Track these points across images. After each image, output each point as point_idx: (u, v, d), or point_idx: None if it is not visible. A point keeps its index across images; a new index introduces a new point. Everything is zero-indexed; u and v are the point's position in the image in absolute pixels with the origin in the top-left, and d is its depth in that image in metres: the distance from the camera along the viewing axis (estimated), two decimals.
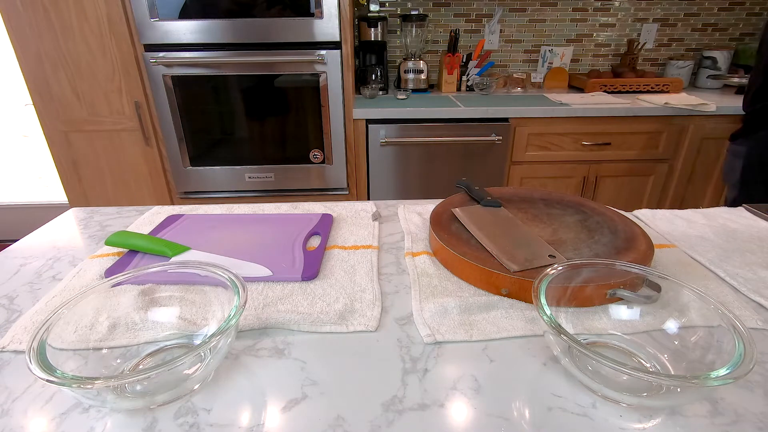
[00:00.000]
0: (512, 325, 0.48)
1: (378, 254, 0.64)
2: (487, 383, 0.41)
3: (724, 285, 0.56)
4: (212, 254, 0.63)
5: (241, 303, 0.41)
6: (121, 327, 0.45)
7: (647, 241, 0.59)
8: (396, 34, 2.16)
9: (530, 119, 1.72)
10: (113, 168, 1.78)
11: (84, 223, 0.78)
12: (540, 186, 1.85)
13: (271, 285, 0.56)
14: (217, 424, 0.37)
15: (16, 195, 2.53)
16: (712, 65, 2.10)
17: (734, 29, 2.20)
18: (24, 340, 0.47)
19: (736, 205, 0.80)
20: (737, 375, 0.32)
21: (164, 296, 0.49)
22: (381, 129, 1.69)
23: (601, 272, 0.48)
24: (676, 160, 1.81)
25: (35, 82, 1.63)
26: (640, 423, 0.37)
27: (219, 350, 0.39)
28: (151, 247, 0.62)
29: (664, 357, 0.42)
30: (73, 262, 0.64)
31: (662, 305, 0.45)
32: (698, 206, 1.89)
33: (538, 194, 0.77)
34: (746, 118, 1.24)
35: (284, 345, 0.46)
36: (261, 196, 1.81)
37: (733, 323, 0.37)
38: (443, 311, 0.50)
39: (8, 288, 0.58)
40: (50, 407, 0.39)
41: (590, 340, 0.46)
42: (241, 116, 1.67)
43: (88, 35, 1.57)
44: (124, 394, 0.39)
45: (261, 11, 1.52)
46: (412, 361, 0.44)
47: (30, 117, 2.34)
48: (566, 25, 2.17)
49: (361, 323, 0.49)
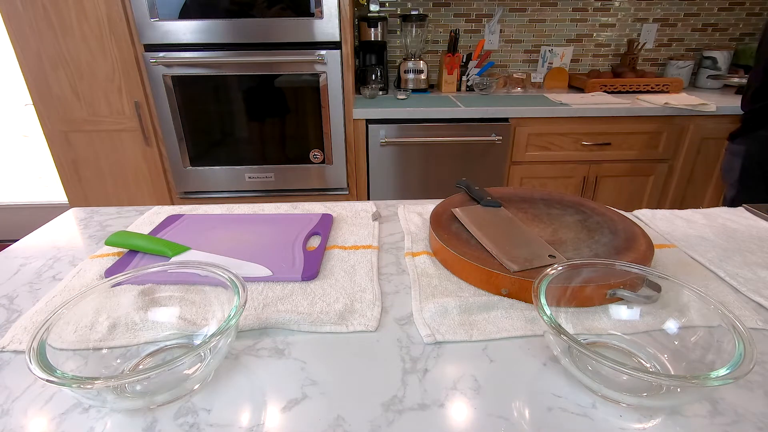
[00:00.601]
0: (512, 325, 0.48)
1: (378, 254, 0.64)
2: (487, 383, 0.41)
3: (724, 285, 0.56)
4: (212, 254, 0.63)
5: (241, 303, 0.41)
6: (121, 327, 0.45)
7: (647, 241, 0.59)
8: (396, 34, 2.16)
9: (530, 119, 1.72)
10: (113, 168, 1.78)
11: (84, 223, 0.78)
12: (540, 186, 1.85)
13: (271, 285, 0.56)
14: (217, 424, 0.37)
15: (16, 195, 2.53)
16: (712, 65, 2.10)
17: (734, 29, 2.20)
18: (24, 340, 0.47)
19: (734, 205, 0.80)
20: (737, 375, 0.32)
21: (164, 296, 0.49)
22: (381, 129, 1.69)
23: (601, 272, 0.48)
24: (676, 160, 1.81)
25: (35, 82, 1.63)
26: (640, 423, 0.37)
27: (219, 350, 0.39)
28: (151, 247, 0.62)
29: (664, 357, 0.42)
30: (73, 262, 0.64)
31: (662, 305, 0.45)
32: (698, 206, 1.89)
33: (538, 194, 0.77)
34: (745, 117, 1.25)
35: (284, 345, 0.46)
36: (261, 196, 1.81)
37: (733, 323, 0.37)
38: (443, 311, 0.50)
39: (8, 288, 0.58)
40: (50, 407, 0.39)
41: (590, 340, 0.46)
42: (241, 116, 1.67)
43: (88, 35, 1.57)
44: (124, 394, 0.39)
45: (261, 11, 1.52)
46: (412, 361, 0.44)
47: (30, 117, 2.34)
48: (566, 25, 2.17)
49: (361, 323, 0.49)
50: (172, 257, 0.61)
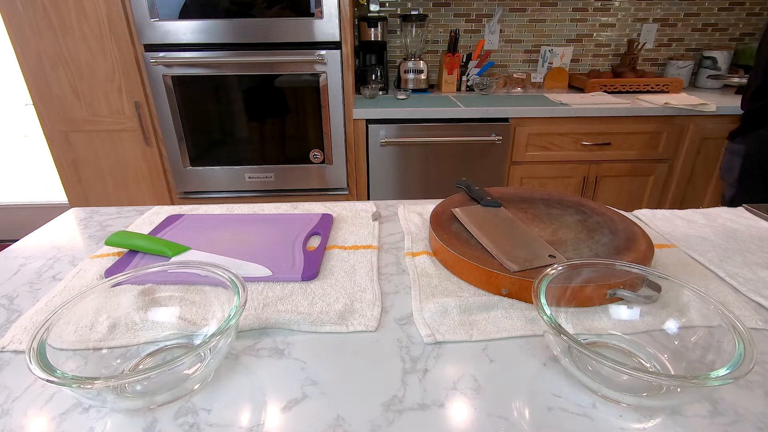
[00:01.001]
0: (512, 325, 0.48)
1: (378, 254, 0.64)
2: (487, 383, 0.41)
3: (724, 285, 0.56)
4: (212, 254, 0.63)
5: (241, 303, 0.41)
6: (121, 327, 0.45)
7: (647, 241, 0.59)
8: (396, 34, 2.16)
9: (530, 119, 1.72)
10: (113, 168, 1.78)
11: (84, 223, 0.78)
12: (540, 186, 1.85)
13: (271, 285, 0.56)
14: (217, 424, 0.37)
15: (16, 195, 2.53)
16: (712, 65, 2.10)
17: (734, 29, 2.20)
18: (24, 340, 0.47)
19: (734, 204, 0.80)
20: (737, 375, 0.32)
21: (164, 296, 0.49)
22: (381, 129, 1.69)
23: (601, 272, 0.48)
24: (676, 160, 1.81)
25: (35, 82, 1.63)
26: (640, 423, 0.37)
27: (219, 350, 0.39)
28: (151, 247, 0.62)
29: (664, 357, 0.42)
30: (73, 262, 0.64)
31: (662, 305, 0.45)
32: (698, 206, 1.89)
33: (538, 194, 0.77)
34: (745, 116, 1.25)
35: (284, 345, 0.46)
36: (261, 196, 1.81)
37: (733, 323, 0.37)
38: (443, 311, 0.50)
39: (8, 288, 0.58)
40: (50, 407, 0.39)
41: (590, 340, 0.46)
42: (241, 116, 1.67)
43: (88, 35, 1.57)
44: (124, 394, 0.39)
45: (261, 11, 1.52)
46: (412, 361, 0.44)
47: (30, 117, 2.34)
48: (566, 25, 2.17)
49: (361, 323, 0.49)
50: (172, 257, 0.61)
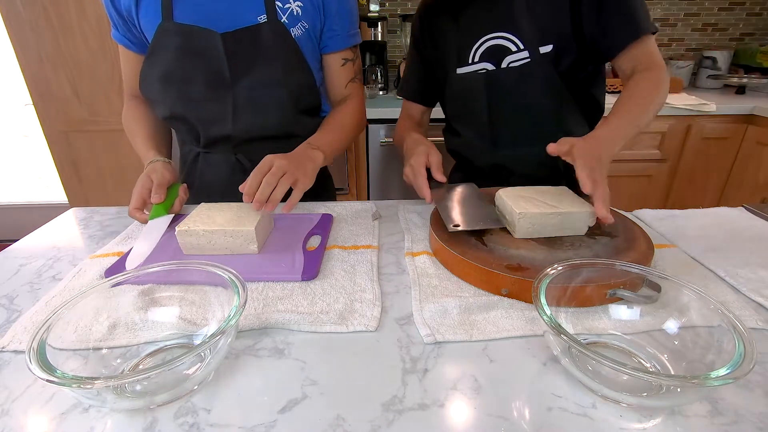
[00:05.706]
0: (512, 325, 0.48)
1: (378, 254, 0.64)
2: (487, 383, 0.41)
3: (724, 285, 0.56)
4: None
5: (241, 303, 0.41)
6: (121, 327, 0.45)
7: (647, 241, 0.59)
8: (396, 34, 2.16)
9: None
10: (113, 168, 1.78)
11: (84, 223, 0.78)
12: None
13: (271, 285, 0.56)
14: (217, 424, 0.37)
15: (16, 195, 2.53)
16: (712, 65, 2.10)
17: (734, 29, 2.19)
18: (24, 340, 0.47)
19: None
20: (737, 375, 0.32)
21: (164, 296, 0.49)
22: (381, 129, 1.69)
23: (601, 272, 0.48)
24: (677, 160, 1.81)
25: (35, 82, 1.63)
26: (640, 423, 0.37)
27: (219, 350, 0.39)
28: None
29: (664, 357, 0.42)
30: (73, 262, 0.64)
31: (662, 305, 0.45)
32: (698, 206, 1.89)
33: None
34: None
35: (284, 345, 0.46)
36: None
37: (733, 323, 0.37)
38: (443, 311, 0.50)
39: (8, 288, 0.58)
40: (50, 407, 0.39)
41: (590, 340, 0.46)
42: None
43: (88, 35, 1.56)
44: (124, 394, 0.39)
45: None
46: (412, 361, 0.44)
47: (30, 117, 2.34)
48: None
49: (361, 323, 0.49)
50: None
